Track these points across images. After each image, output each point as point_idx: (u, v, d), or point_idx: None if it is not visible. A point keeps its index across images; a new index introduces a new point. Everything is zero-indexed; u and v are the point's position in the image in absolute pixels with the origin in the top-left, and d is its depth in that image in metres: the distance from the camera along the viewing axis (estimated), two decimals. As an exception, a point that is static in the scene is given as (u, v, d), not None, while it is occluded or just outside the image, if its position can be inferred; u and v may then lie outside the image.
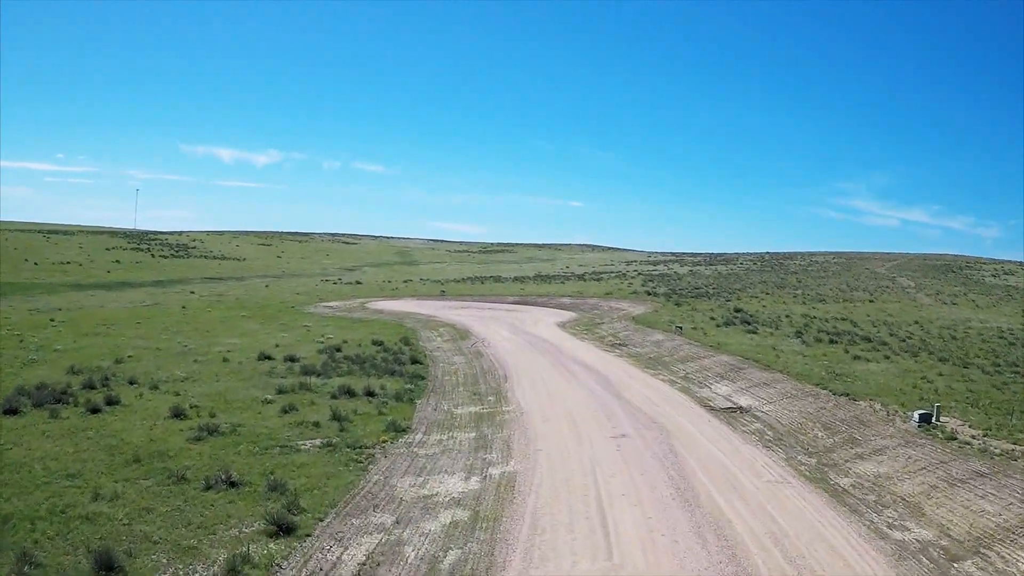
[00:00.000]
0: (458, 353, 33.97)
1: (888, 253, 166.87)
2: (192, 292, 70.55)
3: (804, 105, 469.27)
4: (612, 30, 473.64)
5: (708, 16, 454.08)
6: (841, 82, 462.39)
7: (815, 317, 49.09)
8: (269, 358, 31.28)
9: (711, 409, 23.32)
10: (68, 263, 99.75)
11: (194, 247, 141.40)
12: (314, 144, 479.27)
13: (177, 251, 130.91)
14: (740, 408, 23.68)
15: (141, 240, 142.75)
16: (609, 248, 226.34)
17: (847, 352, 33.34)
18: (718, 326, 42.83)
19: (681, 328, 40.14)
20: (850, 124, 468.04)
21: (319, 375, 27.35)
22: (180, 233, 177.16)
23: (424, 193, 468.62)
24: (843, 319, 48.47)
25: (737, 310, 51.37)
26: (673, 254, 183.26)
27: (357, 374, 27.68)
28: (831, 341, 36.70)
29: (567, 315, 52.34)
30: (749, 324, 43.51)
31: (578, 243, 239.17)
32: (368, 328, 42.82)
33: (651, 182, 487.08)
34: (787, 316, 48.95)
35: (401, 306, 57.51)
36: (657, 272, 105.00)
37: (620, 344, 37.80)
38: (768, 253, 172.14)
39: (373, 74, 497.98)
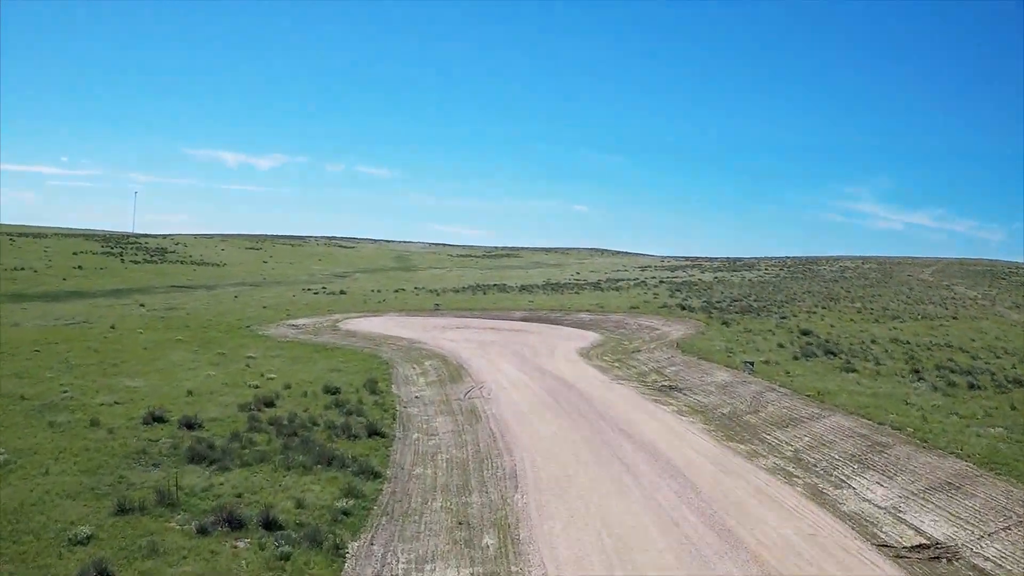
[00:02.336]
0: (445, 410, 23.37)
1: (920, 257, 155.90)
2: (142, 305, 60.05)
3: (807, 109, 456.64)
4: (613, 34, 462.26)
5: (711, 19, 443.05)
6: (845, 86, 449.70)
7: (908, 342, 38.38)
8: (160, 421, 20.90)
9: (896, 555, 12.70)
10: (22, 269, 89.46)
11: (172, 251, 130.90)
12: (317, 148, 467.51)
13: (152, 255, 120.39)
14: (940, 548, 13.10)
15: (116, 243, 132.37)
16: (618, 252, 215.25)
17: (1014, 408, 22.69)
18: (795, 358, 32.21)
19: (752, 364, 29.52)
20: (853, 128, 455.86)
21: (213, 462, 16.87)
22: (164, 236, 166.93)
23: (428, 197, 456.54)
24: (947, 345, 37.74)
25: (805, 332, 40.68)
26: (688, 259, 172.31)
27: (273, 461, 17.13)
28: (972, 386, 26.01)
29: (590, 337, 41.69)
30: (834, 355, 32.87)
31: (585, 247, 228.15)
32: (329, 361, 32.26)
33: (655, 185, 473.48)
34: (873, 341, 38.24)
35: (382, 325, 46.84)
36: (680, 280, 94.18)
37: (671, 387, 27.21)
38: (790, 258, 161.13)
39: (377, 77, 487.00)
